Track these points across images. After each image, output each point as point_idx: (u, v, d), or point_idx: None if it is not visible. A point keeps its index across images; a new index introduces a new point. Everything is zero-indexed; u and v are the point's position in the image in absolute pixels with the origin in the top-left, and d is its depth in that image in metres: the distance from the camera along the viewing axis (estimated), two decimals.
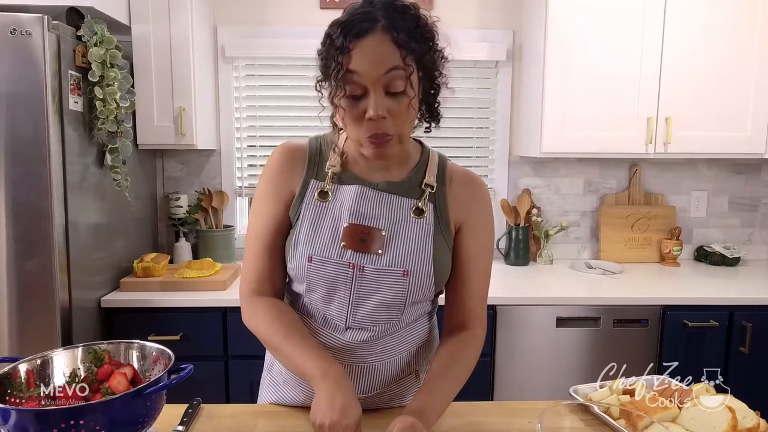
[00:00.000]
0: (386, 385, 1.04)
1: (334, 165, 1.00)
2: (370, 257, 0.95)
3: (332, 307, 0.98)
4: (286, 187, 1.01)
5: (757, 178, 2.61)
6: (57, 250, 1.70)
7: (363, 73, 0.86)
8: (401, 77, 0.87)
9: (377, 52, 0.86)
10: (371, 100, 0.87)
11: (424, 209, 0.98)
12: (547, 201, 2.58)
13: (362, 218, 0.96)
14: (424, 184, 1.00)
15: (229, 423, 1.00)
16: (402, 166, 1.02)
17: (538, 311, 1.99)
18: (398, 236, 0.96)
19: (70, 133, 1.75)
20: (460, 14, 2.46)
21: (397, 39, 0.86)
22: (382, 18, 0.86)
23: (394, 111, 0.88)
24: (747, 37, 2.16)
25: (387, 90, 0.87)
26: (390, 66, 0.86)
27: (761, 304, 1.98)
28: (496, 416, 1.04)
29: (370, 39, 0.86)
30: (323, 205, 0.98)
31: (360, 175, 1.00)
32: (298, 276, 0.99)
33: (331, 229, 0.96)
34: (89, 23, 1.79)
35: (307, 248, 0.96)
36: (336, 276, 0.95)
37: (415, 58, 0.88)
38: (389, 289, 0.96)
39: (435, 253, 0.97)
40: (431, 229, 0.98)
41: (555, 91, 2.16)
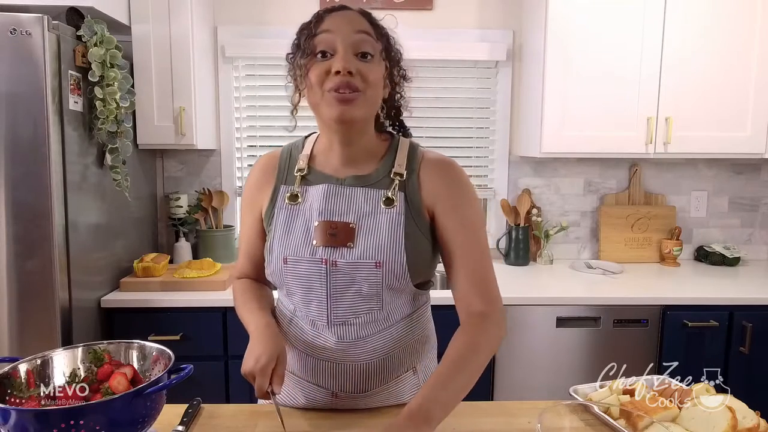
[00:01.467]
0: (383, 384, 1.04)
1: (302, 168, 1.04)
2: (341, 251, 0.96)
3: (312, 307, 0.99)
4: (259, 199, 1.07)
5: (757, 178, 2.61)
6: (57, 250, 1.70)
7: (334, 29, 0.92)
8: (371, 43, 0.93)
9: (351, 16, 0.95)
10: (339, 55, 0.91)
11: (394, 198, 0.98)
12: (547, 201, 2.58)
13: (331, 215, 0.98)
14: (393, 173, 1.01)
15: (229, 423, 1.00)
16: (370, 159, 1.03)
17: (538, 311, 1.99)
18: (368, 228, 0.97)
19: (70, 133, 1.75)
20: (460, 14, 2.46)
21: (371, 19, 0.96)
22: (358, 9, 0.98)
23: (364, 71, 0.92)
24: (747, 37, 2.16)
25: (356, 51, 0.92)
26: (360, 28, 0.93)
27: (761, 304, 1.98)
28: (496, 416, 1.04)
29: (343, 12, 0.96)
30: (294, 208, 1.01)
31: (328, 173, 1.03)
32: (276, 280, 1.02)
33: (303, 230, 0.99)
34: (89, 23, 1.79)
35: (281, 251, 0.99)
36: (310, 274, 0.98)
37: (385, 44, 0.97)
38: (364, 280, 0.96)
39: (407, 241, 0.97)
40: (402, 218, 0.97)
41: (555, 91, 2.16)
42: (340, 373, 1.02)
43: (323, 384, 1.04)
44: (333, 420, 1.02)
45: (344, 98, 0.91)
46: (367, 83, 0.92)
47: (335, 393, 1.04)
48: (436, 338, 1.17)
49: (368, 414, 1.04)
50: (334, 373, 1.02)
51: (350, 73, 0.90)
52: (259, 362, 0.89)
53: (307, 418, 1.02)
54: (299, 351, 1.04)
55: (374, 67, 0.94)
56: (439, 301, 1.99)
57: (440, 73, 2.49)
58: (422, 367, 1.09)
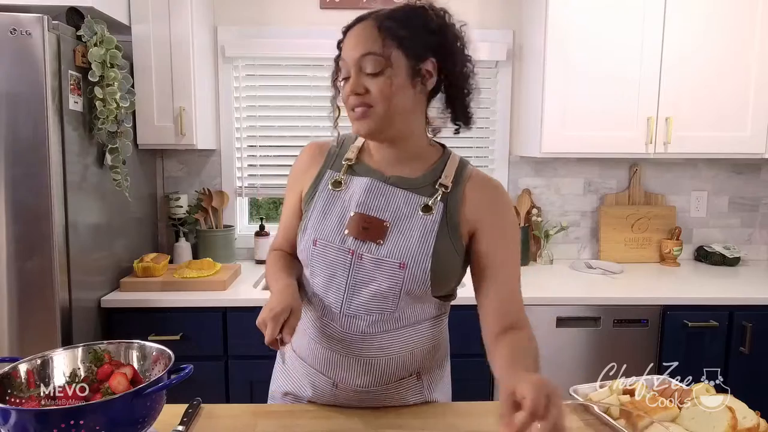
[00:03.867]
0: (386, 383, 1.04)
1: (351, 158, 1.06)
2: (370, 246, 0.98)
3: (330, 293, 1.01)
4: (301, 180, 1.10)
5: (757, 178, 2.61)
6: (57, 250, 1.70)
7: (345, 57, 0.97)
8: (376, 60, 0.94)
9: (360, 36, 0.96)
10: (351, 79, 0.96)
11: (433, 207, 0.99)
12: (547, 201, 2.58)
13: (369, 209, 1.00)
14: (439, 183, 1.02)
15: (229, 423, 1.01)
16: (418, 163, 1.04)
17: (538, 311, 1.99)
18: (401, 229, 0.98)
19: (70, 133, 1.75)
20: (460, 14, 2.45)
21: (380, 25, 0.95)
22: (381, 10, 0.97)
23: (372, 88, 0.94)
24: (747, 38, 2.16)
25: (364, 71, 0.95)
26: (366, 51, 0.94)
27: (761, 304, 1.98)
28: (496, 416, 1.03)
29: (357, 27, 0.97)
30: (335, 194, 1.03)
31: (375, 168, 1.04)
32: (304, 259, 1.04)
33: (338, 217, 1.01)
34: (89, 23, 1.79)
35: (313, 232, 1.02)
36: (336, 261, 0.99)
37: (403, 44, 0.94)
38: (385, 279, 0.97)
39: (436, 250, 0.97)
40: (436, 227, 0.98)
41: (555, 91, 2.16)
42: (342, 364, 1.02)
43: (325, 372, 1.05)
44: (334, 420, 1.02)
45: (357, 116, 0.97)
46: (377, 97, 0.94)
47: (336, 384, 1.04)
48: (448, 348, 1.18)
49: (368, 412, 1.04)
50: (337, 363, 1.03)
51: (360, 93, 0.95)
52: (273, 311, 0.91)
53: (307, 418, 1.02)
54: (309, 338, 1.05)
55: (385, 80, 0.94)
56: None
57: None
58: (428, 374, 1.09)
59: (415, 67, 0.96)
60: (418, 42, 0.96)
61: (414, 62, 0.96)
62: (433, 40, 0.97)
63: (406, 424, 1.01)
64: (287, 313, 0.92)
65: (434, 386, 1.11)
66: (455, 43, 1.00)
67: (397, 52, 0.94)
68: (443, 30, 0.99)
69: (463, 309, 1.97)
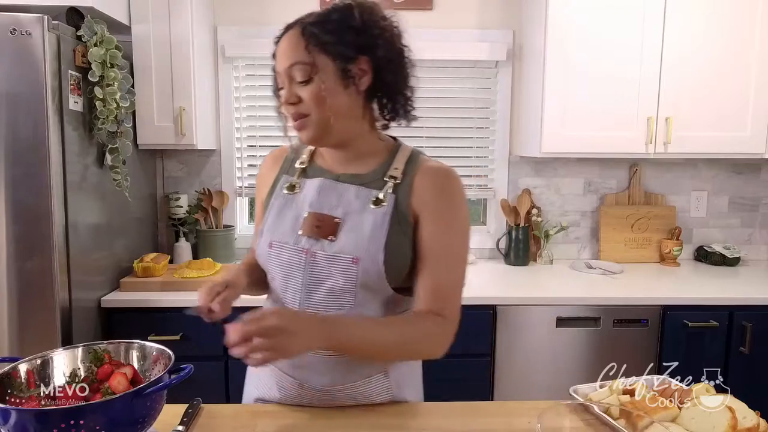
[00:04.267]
0: (352, 381, 1.04)
1: (304, 161, 1.10)
2: (323, 244, 0.99)
3: (288, 293, 1.03)
4: (262, 187, 1.13)
5: (757, 178, 2.61)
6: (57, 250, 1.70)
7: (277, 68, 0.98)
8: (303, 68, 0.94)
9: (285, 46, 0.97)
10: (284, 90, 0.98)
11: (384, 199, 1.00)
12: (547, 201, 2.58)
13: (321, 208, 1.02)
14: (389, 175, 1.02)
15: (229, 423, 1.00)
16: (369, 160, 1.05)
17: (538, 311, 1.99)
18: (353, 225, 0.99)
19: (70, 133, 1.75)
20: (460, 14, 2.46)
21: (304, 32, 0.95)
22: (308, 16, 0.98)
23: (304, 96, 0.96)
24: (747, 37, 2.16)
25: (295, 81, 0.96)
26: (293, 60, 0.95)
27: (761, 304, 1.98)
28: (496, 416, 1.04)
29: (284, 38, 0.98)
30: (290, 197, 1.06)
31: (326, 168, 1.07)
32: (262, 263, 1.07)
33: (293, 218, 1.04)
34: (89, 23, 1.79)
35: (269, 235, 1.05)
36: (291, 261, 1.02)
37: (328, 48, 0.95)
38: (340, 275, 0.98)
39: (389, 242, 0.97)
40: (387, 219, 0.98)
41: (555, 91, 2.16)
42: (305, 363, 1.03)
43: (290, 372, 1.05)
44: (335, 420, 1.02)
45: (296, 126, 0.99)
46: (311, 104, 0.96)
47: (301, 384, 1.04)
48: None
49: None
50: (300, 362, 1.03)
51: (294, 102, 0.96)
52: (209, 283, 0.99)
53: (308, 418, 1.02)
54: None
55: (315, 87, 0.94)
56: None
57: (440, 73, 2.49)
58: (396, 371, 1.08)
59: (344, 68, 0.95)
60: (344, 43, 0.95)
61: (342, 64, 0.95)
62: (361, 39, 0.96)
63: (406, 423, 1.01)
64: (222, 286, 0.98)
65: (403, 383, 1.10)
66: (384, 37, 0.98)
67: (323, 57, 0.94)
68: (370, 26, 0.96)
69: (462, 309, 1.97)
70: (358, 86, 0.98)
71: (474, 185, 2.60)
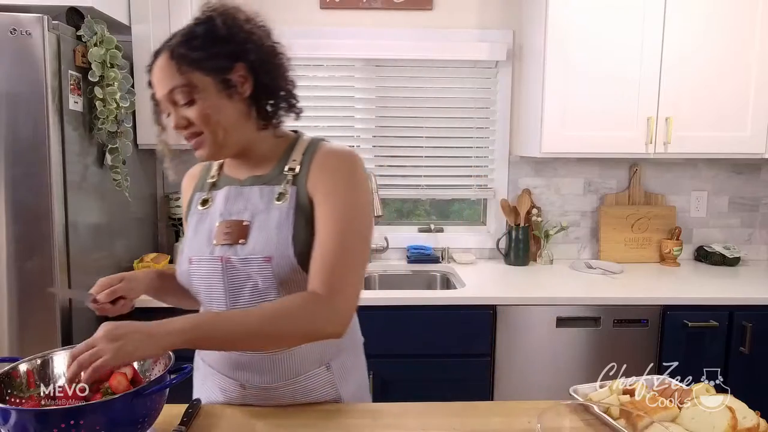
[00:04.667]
0: (292, 378, 1.04)
1: (213, 175, 1.11)
2: (235, 248, 1.00)
3: (213, 303, 1.03)
4: (184, 208, 1.15)
5: (757, 178, 2.61)
6: (57, 250, 1.70)
7: (157, 96, 0.98)
8: (183, 91, 0.94)
9: (159, 73, 0.96)
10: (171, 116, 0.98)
11: (286, 193, 1.00)
12: (547, 201, 2.58)
13: (230, 215, 1.03)
14: (287, 168, 1.03)
15: (229, 423, 1.00)
16: (269, 159, 1.06)
17: (538, 311, 1.99)
18: (261, 224, 1.00)
19: (70, 133, 1.75)
20: (460, 14, 2.46)
21: (173, 55, 0.94)
22: (173, 37, 0.96)
23: (192, 117, 0.96)
24: (747, 37, 2.16)
25: (178, 104, 0.96)
26: (170, 87, 0.94)
27: (761, 304, 1.98)
28: (496, 416, 1.04)
29: (155, 64, 0.97)
30: (204, 212, 1.07)
31: (232, 177, 1.08)
32: (183, 281, 1.07)
33: (207, 231, 1.04)
34: (89, 23, 1.79)
35: (188, 252, 1.05)
36: (209, 272, 1.02)
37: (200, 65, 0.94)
38: (257, 275, 0.98)
39: (296, 234, 0.97)
40: (291, 211, 0.99)
41: (555, 91, 2.16)
42: (244, 364, 1.03)
43: (231, 375, 1.06)
44: (335, 420, 1.02)
45: (193, 147, 0.99)
46: (205, 123, 0.95)
47: (243, 384, 1.05)
48: (359, 337, 1.18)
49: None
50: (239, 364, 1.04)
51: (183, 127, 0.97)
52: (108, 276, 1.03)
53: (307, 417, 1.02)
54: None
55: (200, 106, 0.94)
56: (435, 301, 2.00)
57: (440, 73, 2.49)
58: (338, 364, 1.08)
59: (223, 80, 0.95)
60: (215, 56, 0.94)
61: (220, 77, 0.95)
62: (231, 47, 0.95)
63: (406, 423, 1.01)
64: (117, 280, 1.04)
65: (347, 377, 1.10)
66: (253, 40, 0.98)
67: (199, 74, 0.94)
68: (235, 33, 0.96)
69: (462, 309, 1.98)
70: (241, 94, 0.98)
71: (474, 185, 2.60)
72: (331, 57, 2.44)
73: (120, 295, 1.05)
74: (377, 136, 2.55)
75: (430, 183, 2.58)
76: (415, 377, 1.97)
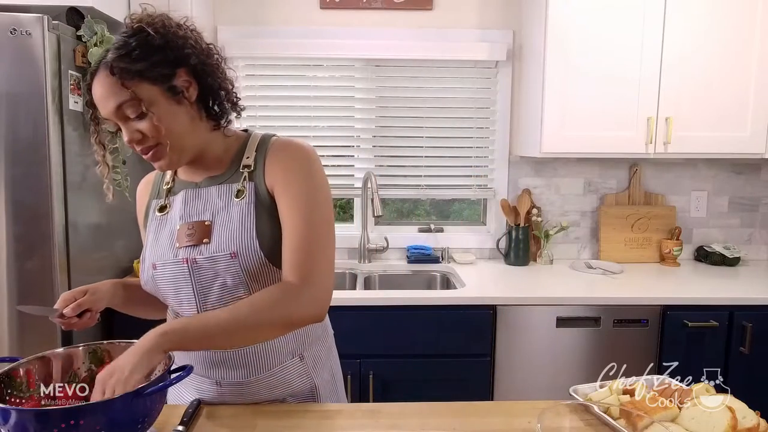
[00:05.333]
0: (269, 370, 1.05)
1: (168, 181, 1.11)
2: (200, 248, 1.00)
3: (184, 305, 1.04)
4: (140, 218, 1.15)
5: (757, 178, 2.61)
6: (57, 250, 1.70)
7: (103, 114, 0.95)
8: (133, 106, 0.93)
9: (101, 91, 0.93)
10: (122, 130, 0.96)
11: (244, 189, 1.02)
12: (547, 201, 2.58)
13: (191, 217, 1.03)
14: (242, 165, 1.04)
15: (229, 423, 1.00)
16: (223, 159, 1.07)
17: (538, 311, 1.99)
18: (223, 222, 1.01)
19: (70, 133, 1.75)
20: (460, 14, 2.46)
21: (113, 71, 0.92)
22: (106, 53, 0.94)
23: (145, 130, 0.94)
24: (747, 37, 2.16)
25: (128, 119, 0.94)
26: (116, 103, 0.92)
27: (761, 304, 1.98)
28: (496, 416, 1.04)
29: (95, 83, 0.94)
30: (163, 218, 1.07)
31: (187, 180, 1.08)
32: (149, 288, 1.07)
33: (168, 236, 1.04)
34: (89, 23, 1.79)
35: (151, 257, 1.05)
36: (176, 275, 1.02)
37: (144, 75, 0.93)
38: (225, 272, 0.99)
39: (259, 228, 0.99)
40: (252, 207, 1.00)
41: (555, 91, 2.16)
42: (220, 361, 1.04)
43: (206, 374, 1.06)
44: (336, 420, 1.02)
45: (151, 159, 0.98)
46: (156, 136, 0.95)
47: (218, 382, 1.06)
48: (330, 329, 1.20)
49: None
50: (213, 361, 1.04)
51: (138, 140, 0.95)
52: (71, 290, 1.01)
53: (307, 417, 1.02)
54: None
55: (151, 117, 0.94)
56: (435, 301, 2.00)
57: (440, 73, 2.49)
58: (311, 354, 1.11)
59: (170, 87, 0.95)
60: (157, 64, 0.94)
61: (165, 84, 0.95)
62: (170, 54, 0.95)
63: (406, 423, 1.01)
64: (81, 293, 1.02)
65: (320, 366, 1.13)
66: (190, 44, 0.98)
67: (144, 85, 0.93)
68: (171, 39, 0.96)
69: (462, 309, 1.98)
70: (188, 98, 0.98)
71: (474, 185, 2.60)
72: (331, 57, 2.44)
73: (86, 308, 1.03)
74: (377, 136, 2.55)
75: (430, 183, 2.58)
76: (415, 377, 1.97)
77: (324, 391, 1.13)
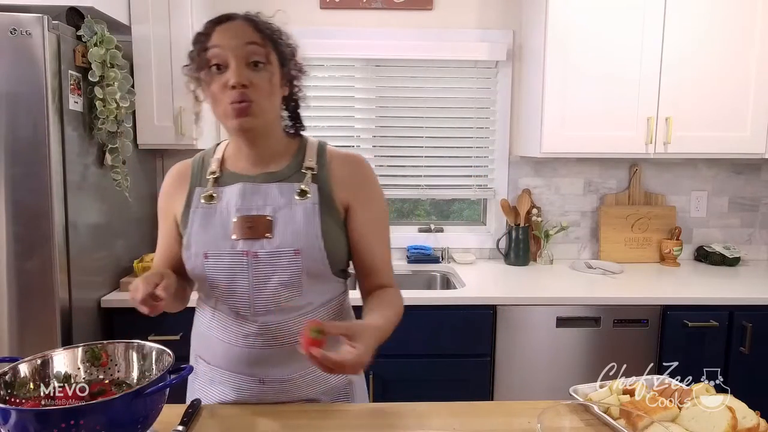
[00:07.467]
0: (309, 367, 1.05)
1: (214, 170, 1.10)
2: (261, 243, 1.01)
3: (236, 296, 1.04)
4: (172, 207, 1.12)
5: (757, 178, 2.61)
6: (57, 250, 1.70)
7: (224, 45, 0.96)
8: (261, 52, 0.98)
9: (237, 28, 0.98)
10: (232, 69, 0.96)
11: (308, 190, 1.04)
12: (547, 201, 2.58)
13: (249, 210, 1.03)
14: (305, 167, 1.07)
15: (229, 423, 1.01)
16: (279, 158, 1.09)
17: (538, 311, 1.99)
18: (286, 219, 1.02)
19: (70, 133, 1.75)
20: (460, 14, 2.46)
21: (256, 25, 0.99)
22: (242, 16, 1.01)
23: (256, 82, 0.97)
24: (747, 37, 2.16)
25: (247, 62, 0.97)
26: (249, 39, 0.97)
27: (761, 304, 1.98)
28: (496, 416, 1.04)
29: (230, 23, 0.99)
30: (210, 207, 1.06)
31: (241, 173, 1.08)
32: (197, 275, 1.06)
33: (221, 226, 1.04)
34: (89, 23, 1.79)
35: (201, 246, 1.04)
36: (233, 266, 1.02)
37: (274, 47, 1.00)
38: (285, 268, 1.01)
39: (323, 228, 1.03)
40: (317, 208, 1.03)
41: (555, 91, 2.16)
42: (264, 358, 1.04)
43: (248, 371, 1.06)
44: (336, 420, 1.02)
45: (241, 109, 0.96)
46: (261, 92, 0.98)
47: (262, 379, 1.06)
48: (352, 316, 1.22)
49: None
50: (258, 358, 1.04)
51: (245, 85, 0.96)
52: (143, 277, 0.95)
53: (308, 417, 1.02)
54: (224, 342, 1.06)
55: (267, 75, 0.98)
56: (435, 301, 2.00)
57: (440, 73, 2.49)
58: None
59: (284, 70, 1.03)
60: (285, 45, 1.03)
61: (283, 62, 1.02)
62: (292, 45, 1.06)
63: (406, 423, 1.01)
64: (158, 276, 0.94)
65: None
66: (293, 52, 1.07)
67: (272, 51, 1.00)
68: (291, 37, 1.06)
69: (462, 309, 1.98)
70: (282, 91, 1.05)
71: (474, 185, 2.60)
72: (331, 57, 2.44)
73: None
74: (377, 136, 2.55)
75: (430, 183, 2.58)
76: (415, 377, 1.97)
77: (358, 386, 1.16)
